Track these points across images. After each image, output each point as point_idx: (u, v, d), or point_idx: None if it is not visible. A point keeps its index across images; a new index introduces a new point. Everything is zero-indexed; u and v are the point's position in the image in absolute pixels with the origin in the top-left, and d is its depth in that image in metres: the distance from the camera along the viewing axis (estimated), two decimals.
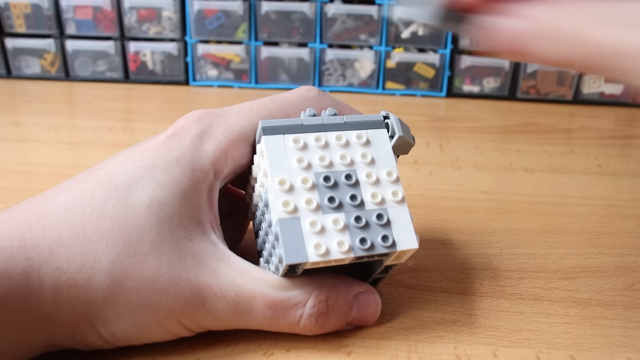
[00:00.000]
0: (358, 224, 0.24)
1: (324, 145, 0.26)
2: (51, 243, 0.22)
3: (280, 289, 0.24)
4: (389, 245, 0.24)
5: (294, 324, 0.25)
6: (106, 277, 0.22)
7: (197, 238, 0.24)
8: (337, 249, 0.23)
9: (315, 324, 0.25)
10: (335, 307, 0.25)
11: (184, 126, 0.26)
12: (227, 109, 0.27)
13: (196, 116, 0.27)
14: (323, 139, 0.26)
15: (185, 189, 0.25)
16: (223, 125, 0.27)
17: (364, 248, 0.24)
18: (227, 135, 0.26)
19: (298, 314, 0.25)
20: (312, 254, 0.23)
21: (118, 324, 0.23)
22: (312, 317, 0.25)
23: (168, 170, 0.25)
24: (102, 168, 0.25)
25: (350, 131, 0.26)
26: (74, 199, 0.24)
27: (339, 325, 0.26)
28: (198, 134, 0.26)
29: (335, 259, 0.23)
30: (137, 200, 0.24)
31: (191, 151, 0.25)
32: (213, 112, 0.27)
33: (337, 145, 0.26)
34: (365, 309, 0.27)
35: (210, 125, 0.26)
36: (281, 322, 0.25)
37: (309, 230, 0.23)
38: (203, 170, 0.25)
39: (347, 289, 0.26)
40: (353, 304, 0.26)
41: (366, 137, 0.26)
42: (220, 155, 0.26)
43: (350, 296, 0.26)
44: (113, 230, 0.23)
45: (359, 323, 0.27)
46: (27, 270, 0.21)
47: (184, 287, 0.23)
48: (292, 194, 0.24)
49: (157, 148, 0.25)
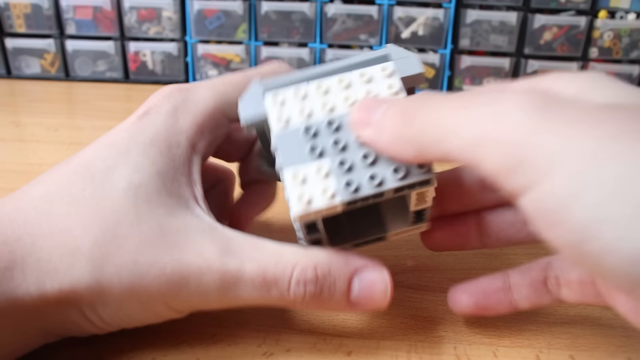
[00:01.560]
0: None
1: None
2: (32, 236, 0.22)
3: (268, 253, 0.24)
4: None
5: (285, 292, 0.24)
6: (87, 264, 0.22)
7: (180, 213, 0.24)
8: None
9: (305, 293, 0.24)
10: (329, 277, 0.24)
11: (156, 104, 0.26)
12: (199, 83, 0.27)
13: (168, 92, 0.26)
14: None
15: (162, 167, 0.24)
16: (196, 99, 0.26)
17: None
18: (202, 109, 0.26)
19: (287, 281, 0.23)
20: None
21: (104, 310, 0.23)
22: (300, 285, 0.23)
23: (143, 152, 0.24)
24: (78, 157, 0.25)
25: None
26: (52, 190, 0.24)
27: (338, 301, 0.24)
28: (171, 110, 0.26)
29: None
30: (114, 186, 0.24)
31: (165, 129, 0.25)
32: (185, 86, 0.27)
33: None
34: (371, 288, 0.24)
35: (183, 101, 0.26)
36: (272, 291, 0.23)
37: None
38: (179, 146, 0.25)
39: (345, 261, 0.24)
40: (355, 281, 0.24)
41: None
42: (197, 129, 0.26)
43: (348, 268, 0.24)
44: (92, 216, 0.23)
45: (367, 304, 0.25)
46: (10, 265, 0.22)
47: (165, 265, 0.23)
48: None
49: (130, 130, 0.25)
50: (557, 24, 0.64)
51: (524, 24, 0.64)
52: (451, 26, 0.65)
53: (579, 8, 0.63)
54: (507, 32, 0.64)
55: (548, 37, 0.64)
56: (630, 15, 0.63)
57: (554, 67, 0.65)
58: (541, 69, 0.65)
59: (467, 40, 0.65)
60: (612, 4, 0.63)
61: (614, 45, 0.64)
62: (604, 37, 0.64)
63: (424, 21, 0.64)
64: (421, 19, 0.64)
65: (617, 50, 0.65)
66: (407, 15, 0.64)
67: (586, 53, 0.65)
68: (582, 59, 0.65)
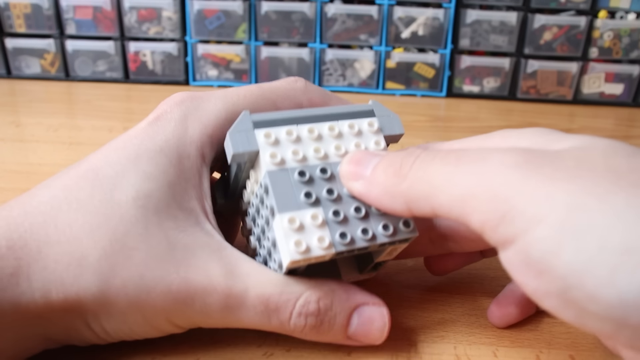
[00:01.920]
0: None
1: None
2: (39, 242, 0.22)
3: (273, 284, 0.23)
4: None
5: (285, 322, 0.24)
6: (93, 275, 0.22)
7: (189, 229, 0.24)
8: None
9: (305, 325, 0.24)
10: (330, 312, 0.24)
11: (166, 110, 0.25)
12: (213, 92, 0.27)
13: (179, 99, 0.26)
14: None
15: (172, 178, 0.24)
16: (208, 109, 0.26)
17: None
18: (213, 120, 0.25)
19: (288, 312, 0.24)
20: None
21: (108, 321, 0.23)
22: (302, 317, 0.24)
23: (153, 160, 0.24)
24: (87, 162, 0.24)
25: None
26: (60, 196, 0.23)
27: (336, 334, 0.25)
28: (181, 118, 0.25)
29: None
30: (123, 194, 0.23)
31: (175, 137, 0.25)
32: (197, 95, 0.26)
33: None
34: (369, 324, 0.25)
35: (195, 109, 0.26)
36: (272, 319, 0.24)
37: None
38: (190, 157, 0.25)
39: (347, 296, 0.25)
40: (354, 316, 0.25)
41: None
42: (207, 140, 0.25)
43: (349, 304, 0.25)
44: (99, 226, 0.22)
45: (362, 339, 0.25)
46: (16, 271, 0.21)
47: (171, 282, 0.23)
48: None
49: (140, 136, 0.25)
50: (557, 24, 0.64)
51: (524, 24, 0.64)
52: (451, 26, 0.65)
53: (579, 8, 0.63)
54: (507, 32, 0.64)
55: (548, 37, 0.64)
56: (630, 15, 0.63)
57: (554, 67, 0.65)
58: (541, 68, 0.65)
59: (467, 40, 0.65)
60: (612, 4, 0.63)
61: (614, 45, 0.64)
62: (604, 37, 0.64)
63: (424, 21, 0.64)
64: (421, 19, 0.64)
65: (617, 50, 0.65)
66: (407, 15, 0.64)
67: (586, 53, 0.65)
68: (582, 59, 0.65)
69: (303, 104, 0.28)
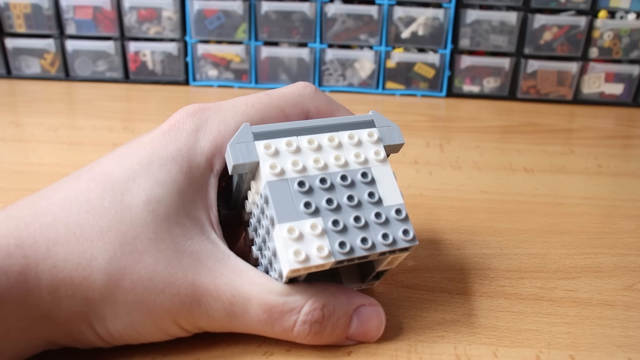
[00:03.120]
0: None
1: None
2: (48, 241, 0.22)
3: (277, 293, 0.24)
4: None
5: (288, 330, 0.24)
6: (103, 276, 0.22)
7: (196, 237, 0.24)
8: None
9: (309, 332, 0.24)
10: (332, 317, 0.25)
11: (179, 121, 0.26)
12: (222, 103, 0.27)
13: (191, 111, 0.26)
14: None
15: (182, 186, 0.24)
16: (218, 121, 0.26)
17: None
18: (222, 131, 0.26)
19: (292, 320, 0.24)
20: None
21: (115, 323, 0.23)
22: (306, 325, 0.24)
23: (165, 167, 0.24)
24: (99, 165, 0.25)
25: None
26: (70, 197, 0.23)
27: (337, 337, 0.25)
28: (193, 129, 0.26)
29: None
30: (134, 198, 0.23)
31: (187, 147, 0.25)
32: (208, 106, 0.27)
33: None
34: (367, 323, 0.26)
35: (205, 121, 0.26)
36: (275, 327, 0.24)
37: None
38: (199, 167, 0.25)
39: (348, 300, 0.25)
40: (354, 317, 0.25)
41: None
42: (215, 151, 0.26)
43: (350, 307, 0.25)
44: (110, 228, 0.23)
45: (360, 338, 0.26)
46: (24, 269, 0.21)
47: (179, 286, 0.23)
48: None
49: (152, 144, 0.25)
50: (557, 24, 0.64)
51: (524, 24, 0.64)
52: (451, 26, 0.65)
53: (579, 8, 0.63)
54: (507, 32, 0.64)
55: (548, 37, 0.64)
56: (630, 15, 0.63)
57: (554, 67, 0.65)
58: (541, 68, 0.65)
59: (467, 40, 0.65)
60: (612, 4, 0.63)
61: (614, 45, 0.64)
62: (604, 37, 0.64)
63: (424, 21, 0.64)
64: (421, 19, 0.64)
65: (617, 50, 0.65)
66: (407, 15, 0.64)
67: (586, 53, 0.65)
68: (582, 59, 0.65)
69: (310, 112, 0.28)
